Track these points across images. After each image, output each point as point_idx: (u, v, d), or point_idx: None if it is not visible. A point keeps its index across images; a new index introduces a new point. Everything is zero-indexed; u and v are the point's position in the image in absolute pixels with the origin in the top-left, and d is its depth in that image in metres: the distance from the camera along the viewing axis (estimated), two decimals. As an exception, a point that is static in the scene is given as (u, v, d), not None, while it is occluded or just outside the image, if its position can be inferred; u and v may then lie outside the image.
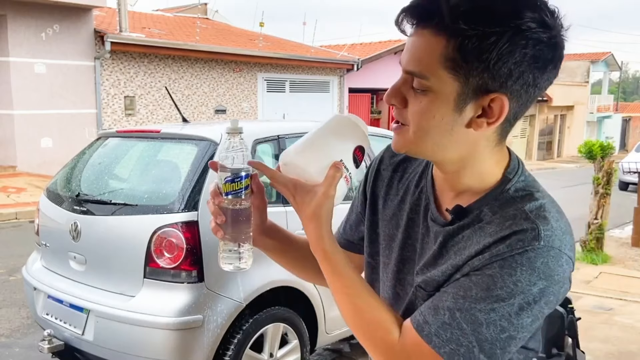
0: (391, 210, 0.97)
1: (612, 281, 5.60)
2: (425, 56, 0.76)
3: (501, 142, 0.84)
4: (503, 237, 0.77)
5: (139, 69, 11.93)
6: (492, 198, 0.83)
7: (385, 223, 0.97)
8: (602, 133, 31.69)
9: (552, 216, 0.79)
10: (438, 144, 0.81)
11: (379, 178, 1.02)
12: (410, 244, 0.92)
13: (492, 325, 0.75)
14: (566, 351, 2.49)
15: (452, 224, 0.84)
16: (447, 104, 0.77)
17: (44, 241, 3.09)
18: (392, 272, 0.95)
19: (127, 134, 3.32)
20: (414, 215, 0.93)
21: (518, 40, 0.73)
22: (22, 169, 10.34)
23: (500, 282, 0.75)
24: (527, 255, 0.75)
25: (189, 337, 2.48)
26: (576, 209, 10.29)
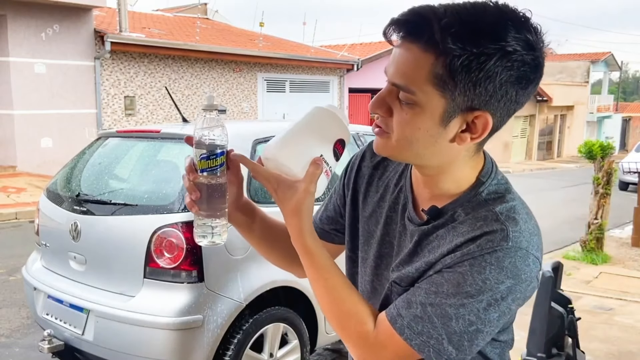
0: (371, 207, 1.00)
1: (612, 281, 5.60)
2: (413, 71, 0.78)
3: (479, 151, 0.88)
4: (474, 237, 0.80)
5: (139, 69, 11.93)
6: (466, 200, 0.87)
7: (365, 219, 1.00)
8: (602, 133, 31.69)
9: (521, 218, 0.82)
10: (420, 154, 0.84)
11: (359, 174, 1.04)
12: (388, 241, 0.96)
13: (461, 320, 0.79)
14: (566, 351, 2.49)
15: (427, 223, 0.88)
16: (433, 119, 0.80)
17: (44, 241, 3.09)
18: (370, 268, 0.98)
19: (127, 134, 3.32)
20: (392, 213, 0.96)
21: (505, 62, 0.75)
22: (22, 169, 10.34)
23: (470, 279, 0.79)
24: (495, 255, 0.78)
25: (189, 337, 2.48)
26: (576, 209, 10.32)
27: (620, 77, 44.88)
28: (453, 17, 0.75)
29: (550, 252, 7.03)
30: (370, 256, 0.98)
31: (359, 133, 3.60)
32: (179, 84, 12.63)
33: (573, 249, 6.84)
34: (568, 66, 31.56)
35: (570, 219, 9.59)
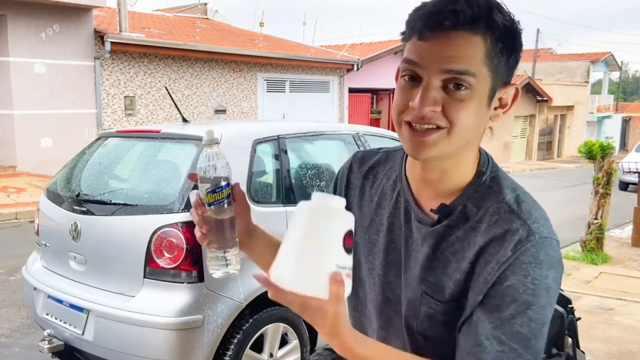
0: (368, 217, 0.98)
1: (612, 281, 5.60)
2: (471, 55, 0.79)
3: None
4: (497, 236, 0.82)
5: (139, 69, 11.93)
6: (472, 192, 0.88)
7: (364, 230, 0.98)
8: (602, 133, 31.69)
9: (531, 206, 0.86)
10: (469, 141, 0.84)
11: (350, 187, 1.03)
12: (394, 248, 0.94)
13: (537, 333, 0.80)
14: (566, 351, 2.49)
15: (439, 222, 0.88)
16: (483, 100, 0.82)
17: (44, 241, 3.09)
18: (378, 277, 0.96)
19: (127, 134, 3.32)
20: (393, 219, 0.94)
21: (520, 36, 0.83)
22: (22, 169, 10.34)
23: (521, 287, 0.79)
24: (529, 253, 0.80)
25: (189, 337, 2.48)
26: (576, 209, 10.31)
27: (620, 77, 44.86)
28: (489, 3, 0.80)
29: (550, 252, 7.03)
30: (377, 265, 0.96)
31: (359, 133, 3.60)
32: (179, 84, 12.63)
33: (573, 249, 6.84)
34: (568, 66, 31.55)
35: (570, 219, 9.59)
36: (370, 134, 3.71)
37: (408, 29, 0.83)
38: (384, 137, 3.99)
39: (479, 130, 0.85)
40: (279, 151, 3.03)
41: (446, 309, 0.87)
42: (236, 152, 2.83)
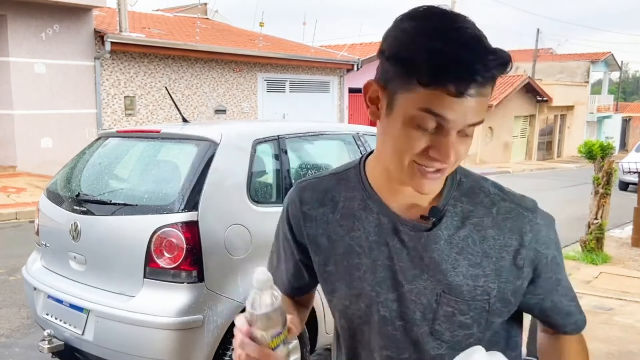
0: (341, 243, 0.96)
1: (612, 281, 5.60)
2: (486, 104, 0.81)
3: None
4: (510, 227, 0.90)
5: (139, 69, 11.93)
6: (455, 191, 0.92)
7: (340, 257, 0.96)
8: (602, 133, 31.70)
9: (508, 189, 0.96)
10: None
11: (307, 219, 0.99)
12: (381, 265, 0.92)
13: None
14: (566, 351, 2.47)
15: (434, 225, 0.89)
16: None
17: (44, 241, 3.09)
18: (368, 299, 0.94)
19: (127, 134, 3.31)
20: (375, 238, 0.93)
21: None
22: (22, 169, 10.34)
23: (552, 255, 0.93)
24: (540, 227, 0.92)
25: (189, 337, 2.48)
26: (576, 209, 10.31)
27: (620, 77, 44.87)
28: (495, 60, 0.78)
29: (550, 252, 7.03)
30: (366, 288, 0.94)
31: (358, 133, 3.60)
32: (179, 84, 12.63)
33: (573, 249, 6.84)
34: (568, 66, 31.56)
35: (570, 219, 9.59)
36: (370, 134, 3.71)
37: (429, 75, 0.76)
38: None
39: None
40: (279, 151, 3.03)
41: (466, 308, 0.89)
42: (236, 152, 2.83)
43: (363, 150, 3.52)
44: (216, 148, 2.73)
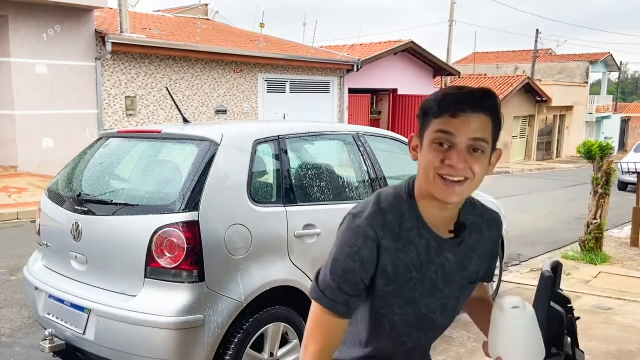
0: (401, 265, 1.20)
1: (611, 281, 5.61)
2: (484, 128, 1.15)
3: None
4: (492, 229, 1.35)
5: (140, 69, 11.95)
6: (464, 207, 1.28)
7: (398, 276, 1.20)
8: (601, 133, 31.69)
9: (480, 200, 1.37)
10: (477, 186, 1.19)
11: (382, 249, 1.18)
12: (428, 278, 1.23)
13: None
14: (565, 350, 2.50)
15: (458, 237, 1.26)
16: (487, 159, 1.18)
17: (45, 241, 3.10)
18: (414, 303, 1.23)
19: (128, 134, 3.32)
20: (426, 257, 1.22)
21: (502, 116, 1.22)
22: (23, 169, 10.35)
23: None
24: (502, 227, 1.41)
25: (189, 336, 2.49)
26: (575, 209, 10.32)
27: (619, 78, 44.86)
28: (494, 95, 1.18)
29: (549, 252, 7.05)
30: (415, 295, 1.23)
31: (358, 133, 3.61)
32: (179, 84, 12.64)
33: (572, 249, 6.85)
34: (567, 66, 31.56)
35: (569, 219, 9.60)
36: (370, 134, 3.72)
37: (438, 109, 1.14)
38: (384, 137, 4.00)
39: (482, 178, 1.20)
40: (279, 151, 3.05)
41: (472, 287, 1.33)
42: (236, 152, 2.84)
43: (363, 151, 3.53)
44: (217, 148, 2.74)
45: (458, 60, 32.93)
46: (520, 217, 9.42)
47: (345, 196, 3.34)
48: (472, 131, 1.12)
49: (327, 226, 2.97)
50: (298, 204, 2.98)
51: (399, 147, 4.09)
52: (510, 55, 34.90)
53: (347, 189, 3.42)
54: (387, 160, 3.76)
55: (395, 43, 17.85)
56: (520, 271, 6.02)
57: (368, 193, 3.47)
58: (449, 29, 21.14)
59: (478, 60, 32.16)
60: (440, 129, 1.12)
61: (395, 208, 1.20)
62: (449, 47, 21.20)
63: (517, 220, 8.64)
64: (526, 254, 6.90)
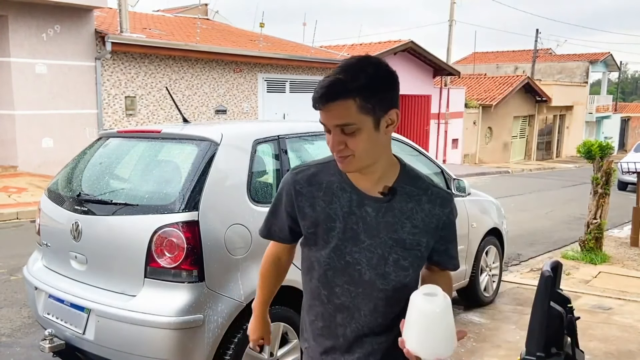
0: (322, 213, 1.42)
1: (611, 281, 5.61)
2: (346, 113, 1.28)
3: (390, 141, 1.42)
4: (436, 203, 1.42)
5: (140, 69, 11.95)
6: (404, 176, 1.42)
7: (321, 221, 1.42)
8: (601, 133, 31.69)
9: (433, 180, 1.48)
10: (373, 154, 1.34)
11: (299, 195, 1.44)
12: (350, 228, 1.40)
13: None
14: (565, 350, 2.50)
15: (390, 200, 1.39)
16: (371, 130, 1.31)
17: (45, 241, 3.10)
18: (338, 249, 1.41)
19: (128, 134, 3.32)
20: (348, 209, 1.40)
21: (381, 81, 1.32)
22: (23, 169, 10.36)
23: (452, 224, 1.48)
24: (451, 206, 1.46)
25: (189, 336, 2.49)
26: (575, 209, 10.32)
27: (619, 78, 44.87)
28: (349, 75, 1.27)
29: (549, 252, 7.05)
30: (336, 242, 1.40)
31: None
32: (179, 84, 12.64)
33: (572, 249, 6.85)
34: (567, 66, 31.56)
35: (569, 219, 9.60)
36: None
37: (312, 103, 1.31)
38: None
39: (380, 145, 1.34)
40: (279, 151, 3.05)
41: (407, 255, 1.40)
42: (236, 152, 2.84)
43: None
44: (217, 148, 2.74)
45: (458, 60, 32.94)
46: (520, 217, 9.42)
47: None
48: (334, 119, 1.29)
49: (327, 226, 2.97)
50: (298, 204, 2.98)
51: (399, 147, 4.09)
52: (510, 55, 34.91)
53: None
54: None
55: (395, 43, 17.85)
56: (520, 271, 6.02)
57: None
58: (449, 29, 21.14)
59: (478, 60, 32.16)
60: (319, 120, 1.33)
61: (325, 167, 1.45)
62: (449, 47, 21.20)
63: (517, 220, 8.64)
64: (526, 254, 6.90)
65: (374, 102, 1.28)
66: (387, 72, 1.32)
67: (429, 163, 4.19)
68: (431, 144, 19.55)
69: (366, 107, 1.27)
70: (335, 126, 1.29)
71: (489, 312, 4.53)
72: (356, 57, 1.33)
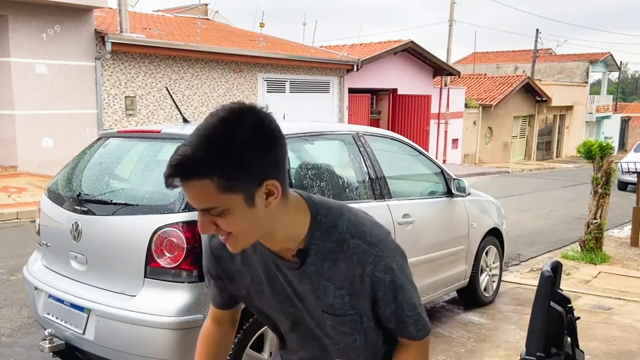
0: (246, 274, 1.24)
1: (611, 281, 5.61)
2: (207, 194, 0.99)
3: (287, 197, 1.10)
4: (354, 261, 1.12)
5: (140, 69, 11.95)
6: (316, 232, 1.13)
7: (249, 284, 1.25)
8: (601, 133, 31.70)
9: (358, 224, 1.15)
10: (256, 231, 1.08)
11: (220, 259, 1.27)
12: (278, 291, 1.21)
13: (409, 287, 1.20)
14: (565, 350, 2.49)
15: (302, 264, 1.14)
16: (242, 208, 1.02)
17: (45, 241, 3.10)
18: (279, 312, 1.25)
19: (128, 134, 3.32)
20: (268, 271, 1.20)
21: (244, 150, 1.00)
22: (23, 169, 10.36)
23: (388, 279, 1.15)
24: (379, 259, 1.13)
25: (189, 336, 2.49)
26: (575, 209, 10.32)
27: (619, 78, 44.88)
28: (203, 147, 0.97)
29: (549, 252, 7.05)
30: (274, 304, 1.24)
31: (358, 133, 3.61)
32: (179, 84, 12.64)
33: (572, 249, 6.85)
34: (567, 66, 31.56)
35: (569, 219, 9.60)
36: (370, 134, 3.72)
37: None
38: (384, 137, 4.00)
39: (264, 219, 1.06)
40: (279, 151, 3.04)
41: (343, 321, 1.18)
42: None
43: (363, 151, 3.53)
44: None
45: (458, 60, 32.94)
46: (520, 217, 9.42)
47: (345, 196, 3.34)
48: (192, 200, 1.02)
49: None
50: (298, 204, 2.97)
51: (399, 147, 4.09)
52: (510, 55, 34.91)
53: (347, 189, 3.42)
54: (388, 160, 3.76)
55: (395, 43, 17.85)
56: (520, 271, 6.02)
57: (368, 193, 3.47)
58: (449, 29, 21.14)
59: (478, 60, 32.17)
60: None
61: None
62: (449, 47, 21.20)
63: (517, 220, 8.64)
64: (526, 254, 6.90)
65: (241, 178, 0.99)
66: (261, 135, 1.00)
67: (429, 163, 4.19)
68: (431, 144, 19.55)
69: (230, 185, 0.98)
70: (202, 210, 1.03)
71: (489, 312, 4.53)
72: (220, 114, 1.00)
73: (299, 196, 1.14)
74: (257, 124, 1.01)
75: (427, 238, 3.83)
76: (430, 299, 4.17)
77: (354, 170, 3.51)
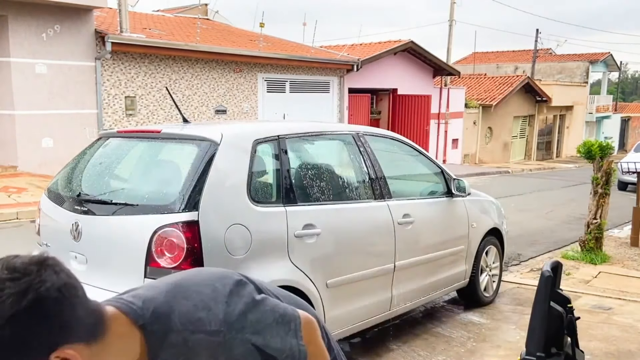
0: None
1: (611, 281, 5.61)
2: None
3: (104, 337, 0.94)
4: (207, 355, 1.02)
5: (140, 69, 11.95)
6: (152, 344, 1.00)
7: None
8: (601, 133, 31.71)
9: (191, 315, 1.03)
10: None
11: None
12: None
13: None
14: (565, 350, 2.50)
15: None
16: None
17: (45, 241, 3.10)
18: None
19: (128, 134, 3.33)
20: None
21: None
22: (23, 169, 10.35)
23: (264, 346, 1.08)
24: (234, 341, 1.04)
25: (189, 336, 2.49)
26: (575, 209, 10.32)
27: (619, 78, 44.90)
28: None
29: (549, 252, 7.05)
30: None
31: (358, 133, 3.61)
32: (179, 84, 12.64)
33: (572, 249, 6.85)
34: (567, 66, 31.57)
35: (569, 219, 9.60)
36: (370, 134, 3.73)
37: None
38: (384, 137, 4.00)
39: None
40: (279, 151, 3.05)
41: None
42: (236, 152, 2.84)
43: (363, 151, 3.53)
44: (216, 148, 2.74)
45: (458, 60, 32.95)
46: (520, 217, 9.42)
47: (345, 196, 3.34)
48: None
49: (327, 226, 2.97)
50: (298, 204, 2.98)
51: (400, 147, 4.10)
52: (510, 55, 34.92)
53: (347, 189, 3.42)
54: (388, 160, 3.76)
55: (395, 43, 17.85)
56: (520, 271, 6.02)
57: (368, 193, 3.47)
58: (449, 29, 21.15)
59: (478, 60, 32.18)
60: None
61: None
62: (449, 47, 21.20)
63: (517, 220, 8.64)
64: (526, 254, 6.90)
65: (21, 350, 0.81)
66: (24, 310, 0.81)
67: (429, 163, 4.19)
68: (431, 144, 19.56)
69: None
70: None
71: (489, 312, 4.53)
72: None
73: (117, 313, 1.00)
74: (15, 302, 0.81)
75: (427, 238, 3.84)
76: (430, 299, 4.17)
77: (354, 170, 3.52)
